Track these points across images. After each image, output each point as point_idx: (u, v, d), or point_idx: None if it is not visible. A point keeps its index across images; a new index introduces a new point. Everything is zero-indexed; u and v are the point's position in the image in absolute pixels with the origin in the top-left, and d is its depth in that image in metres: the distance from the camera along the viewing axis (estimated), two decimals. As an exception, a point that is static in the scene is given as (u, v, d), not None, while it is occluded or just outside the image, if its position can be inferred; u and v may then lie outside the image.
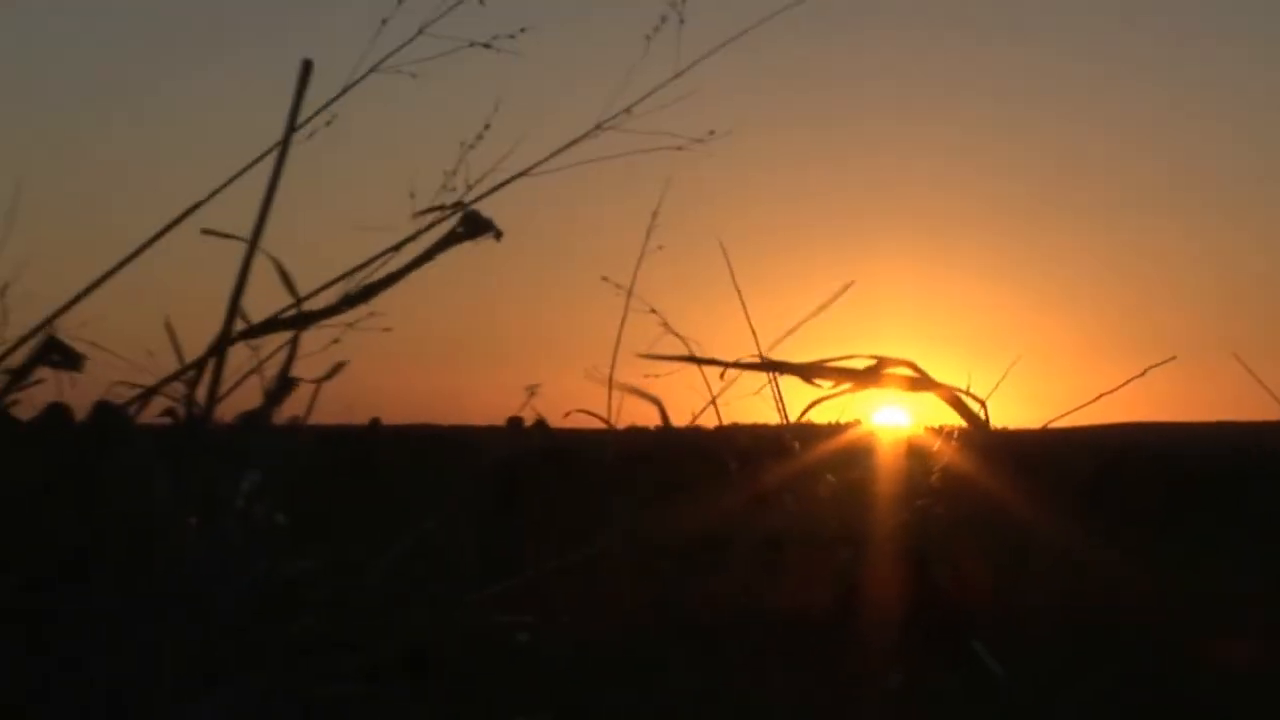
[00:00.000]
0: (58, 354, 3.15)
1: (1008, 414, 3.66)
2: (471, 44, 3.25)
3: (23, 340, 3.26)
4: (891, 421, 3.52)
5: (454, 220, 3.13)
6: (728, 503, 3.36)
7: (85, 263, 3.31)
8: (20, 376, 3.15)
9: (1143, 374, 3.73)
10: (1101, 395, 3.77)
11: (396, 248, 3.13)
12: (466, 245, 3.11)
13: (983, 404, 3.51)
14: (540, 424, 3.68)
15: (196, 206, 3.16)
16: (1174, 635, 3.86)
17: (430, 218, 3.16)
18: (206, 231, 3.13)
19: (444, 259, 3.13)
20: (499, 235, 3.16)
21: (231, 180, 3.14)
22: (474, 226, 3.15)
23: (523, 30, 3.26)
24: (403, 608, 3.20)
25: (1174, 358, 3.81)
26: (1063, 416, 3.79)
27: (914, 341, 4.00)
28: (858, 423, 3.61)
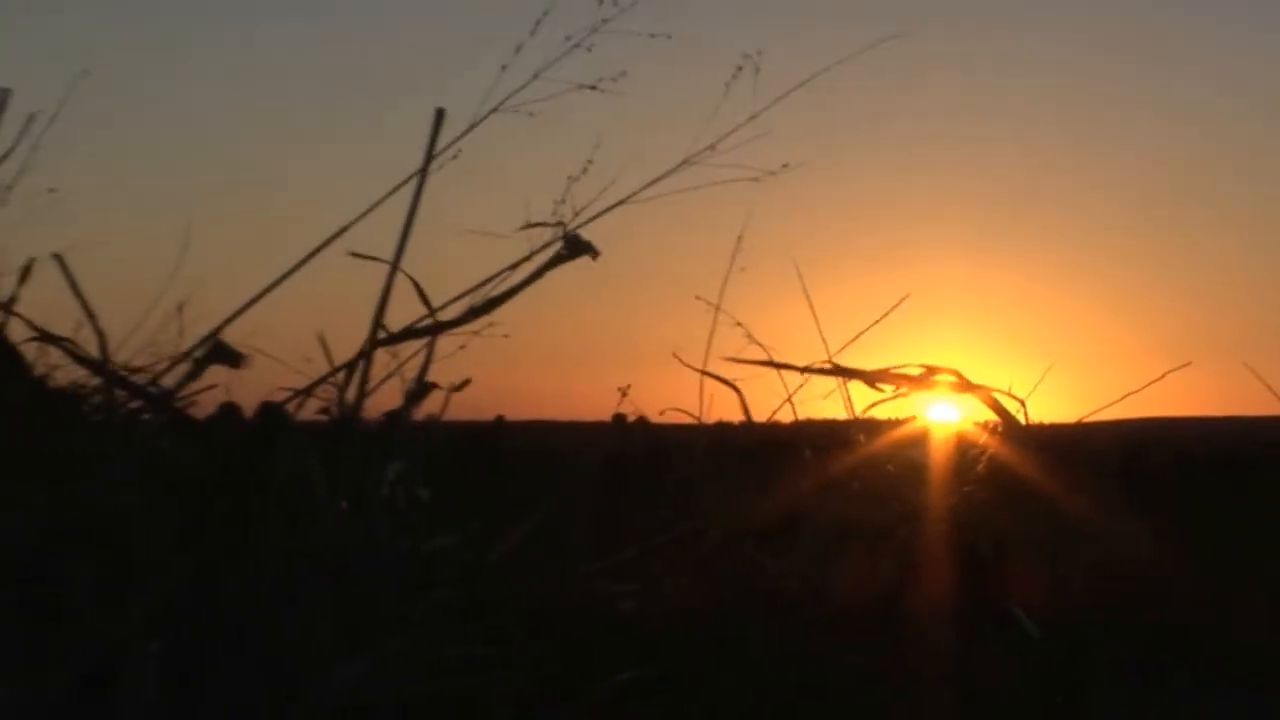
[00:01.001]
0: (223, 354, 3.18)
1: (1046, 409, 3.67)
2: (579, 86, 3.26)
3: (195, 347, 3.30)
4: (942, 417, 3.54)
5: (559, 246, 3.16)
6: (802, 487, 3.38)
7: (249, 279, 3.34)
8: (193, 375, 3.19)
9: (1162, 377, 3.74)
10: (1128, 395, 3.78)
11: (513, 267, 3.16)
12: (577, 263, 3.14)
13: (1022, 403, 3.52)
14: (640, 420, 3.71)
15: (343, 230, 3.19)
16: (1195, 600, 3.86)
17: (542, 240, 3.19)
18: (353, 254, 3.17)
19: (556, 275, 3.16)
20: (596, 255, 3.18)
21: (373, 207, 3.17)
22: (576, 248, 3.17)
23: (623, 74, 3.28)
24: (524, 580, 3.22)
25: (1189, 363, 3.81)
26: (1094, 413, 3.81)
27: (965, 344, 4.02)
28: (913, 419, 3.62)
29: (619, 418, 3.70)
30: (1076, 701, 3.13)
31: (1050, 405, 3.74)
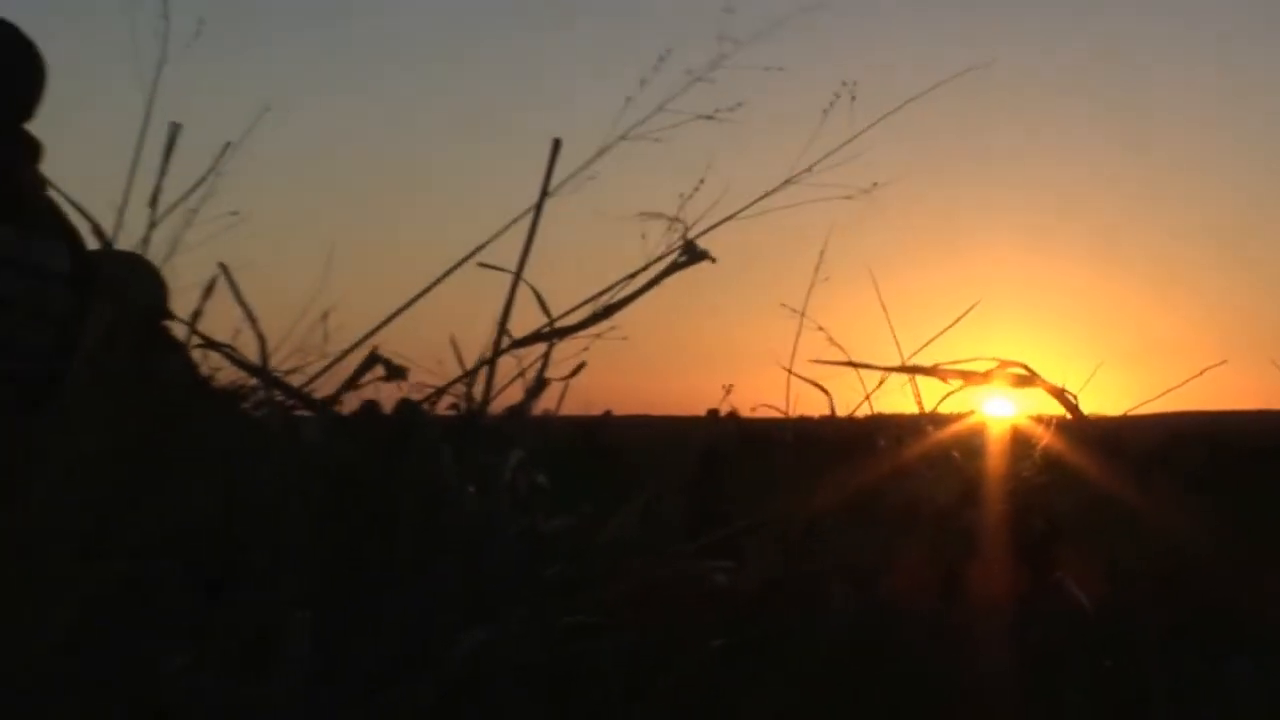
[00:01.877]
0: (384, 367, 3.22)
1: (1096, 403, 3.66)
2: (698, 116, 3.28)
3: (343, 355, 3.33)
4: (1001, 411, 3.54)
5: (677, 253, 3.18)
6: (877, 473, 3.38)
7: (389, 291, 3.37)
8: (350, 384, 3.22)
9: (1200, 374, 3.72)
10: (1168, 390, 3.76)
11: (632, 276, 3.18)
12: (684, 275, 3.16)
13: (1075, 397, 3.51)
14: (733, 414, 3.73)
15: (479, 249, 3.22)
16: (1232, 575, 3.85)
17: (658, 252, 3.21)
18: (483, 265, 3.19)
19: (663, 286, 3.18)
20: (713, 260, 3.20)
21: (504, 229, 3.19)
22: (692, 255, 3.19)
23: (739, 105, 3.30)
24: (630, 557, 3.23)
25: (1225, 361, 3.79)
26: (1138, 406, 3.80)
27: (1026, 344, 4.01)
28: (975, 413, 3.61)
29: (713, 412, 3.72)
30: (1123, 663, 3.11)
31: (1100, 399, 3.73)
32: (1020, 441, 3.57)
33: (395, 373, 3.28)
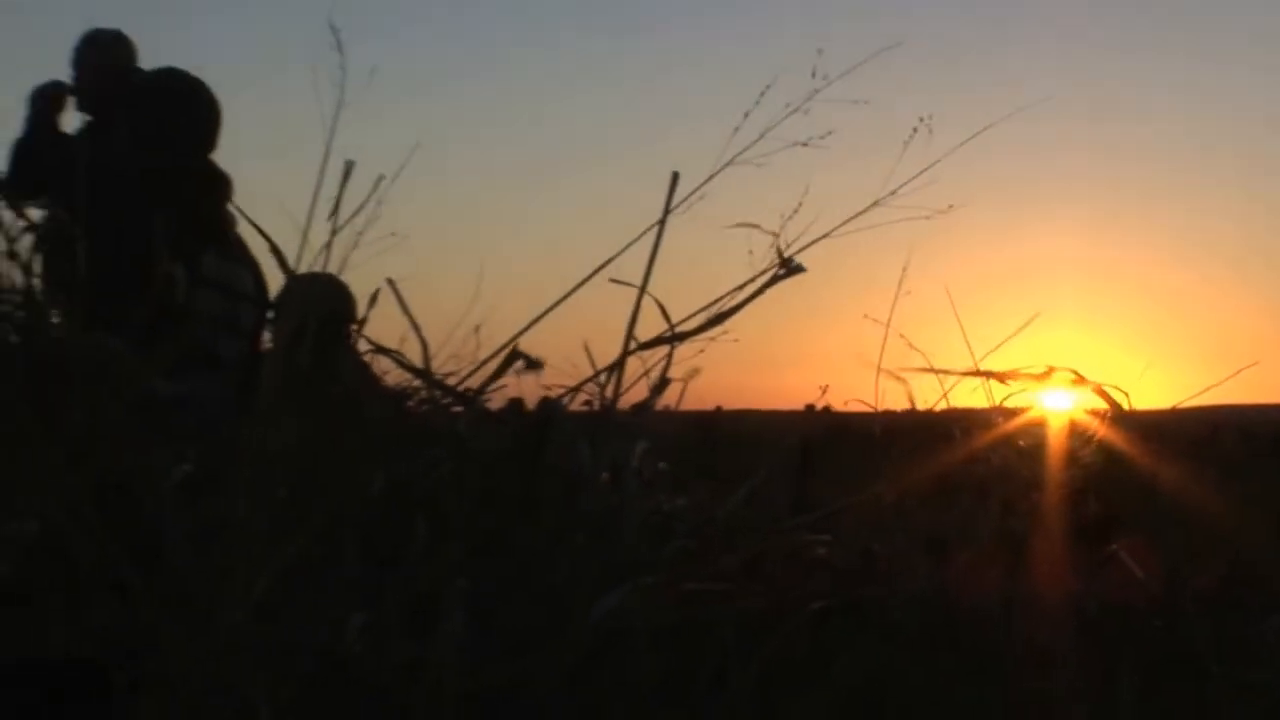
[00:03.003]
0: (523, 361, 3.24)
1: (1145, 398, 3.63)
2: (795, 144, 3.28)
3: (490, 358, 3.35)
4: (1061, 406, 3.52)
5: (777, 267, 3.18)
6: (953, 459, 3.37)
7: (530, 303, 3.40)
8: (497, 375, 3.24)
9: (1237, 373, 3.67)
10: (1208, 388, 3.72)
11: (740, 287, 3.19)
12: (785, 286, 3.17)
13: (1125, 395, 3.48)
14: (827, 409, 3.72)
15: (607, 263, 3.23)
16: (1263, 546, 3.81)
17: (762, 266, 3.22)
18: (614, 280, 3.21)
19: (767, 296, 3.19)
20: (804, 270, 3.20)
21: (628, 246, 3.20)
22: (790, 269, 3.19)
23: (830, 133, 3.30)
24: (741, 532, 3.22)
25: (1258, 362, 3.74)
26: (1183, 401, 3.76)
27: (1085, 345, 4.00)
28: (1037, 407, 3.59)
29: (810, 407, 3.71)
30: (1172, 622, 3.08)
31: (1149, 393, 3.70)
32: (1077, 432, 3.55)
33: (533, 364, 3.30)
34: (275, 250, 3.32)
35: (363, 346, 3.44)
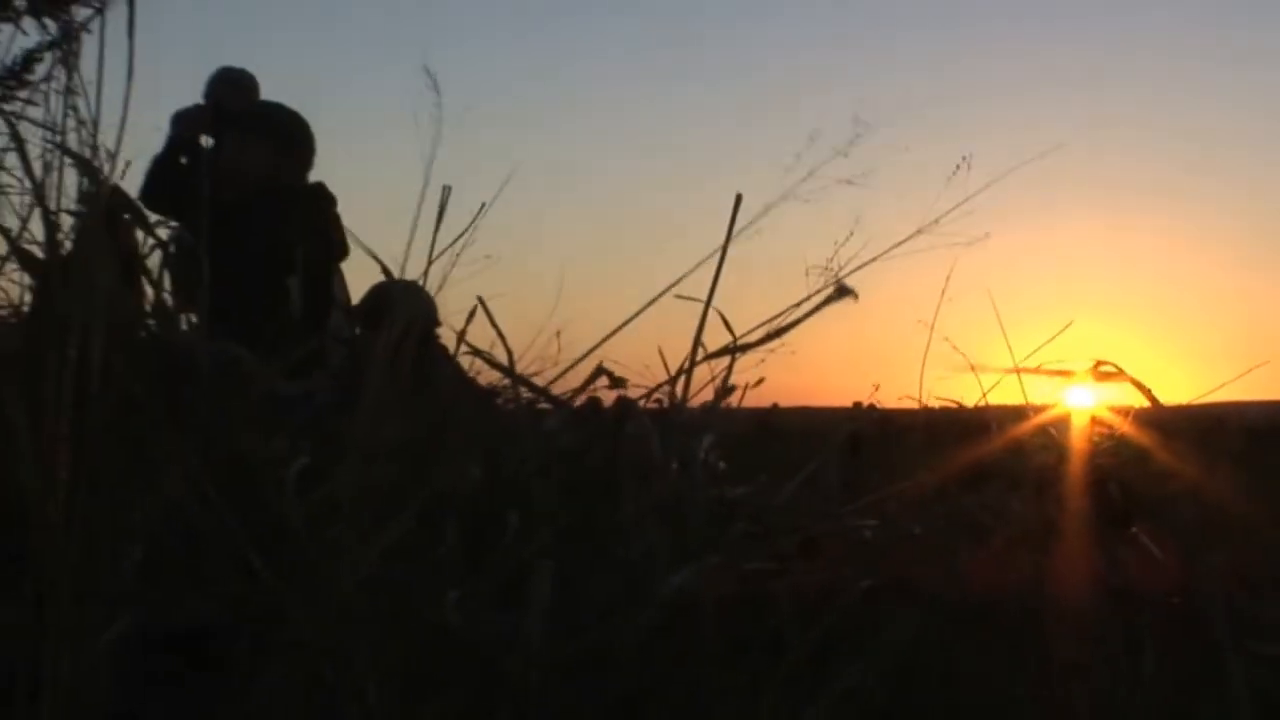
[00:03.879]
0: (608, 378, 3.25)
1: (1168, 393, 3.60)
2: (840, 181, 3.27)
3: (573, 364, 3.36)
4: (1085, 401, 3.49)
5: (831, 289, 3.17)
6: (990, 450, 3.35)
7: (608, 315, 3.40)
8: (583, 389, 3.23)
9: (1248, 371, 3.63)
10: (1223, 384, 3.68)
11: (797, 305, 3.17)
12: (840, 303, 3.15)
13: (1150, 391, 3.47)
14: (874, 406, 3.71)
15: (678, 282, 3.22)
16: (1268, 527, 3.77)
17: (816, 287, 3.20)
18: (680, 296, 3.20)
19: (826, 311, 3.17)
20: (856, 297, 3.18)
21: (696, 267, 3.19)
22: (841, 292, 3.17)
23: (872, 171, 3.29)
24: (796, 516, 3.21)
25: (1268, 362, 3.69)
26: (1199, 397, 3.73)
27: (1112, 347, 3.97)
28: (1064, 403, 3.56)
29: (858, 404, 3.70)
30: (1188, 599, 3.04)
31: (1170, 390, 3.68)
32: (1101, 426, 3.52)
33: (616, 383, 3.31)
34: (386, 272, 3.34)
35: (460, 351, 3.45)
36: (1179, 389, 3.87)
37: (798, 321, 3.18)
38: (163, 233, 3.44)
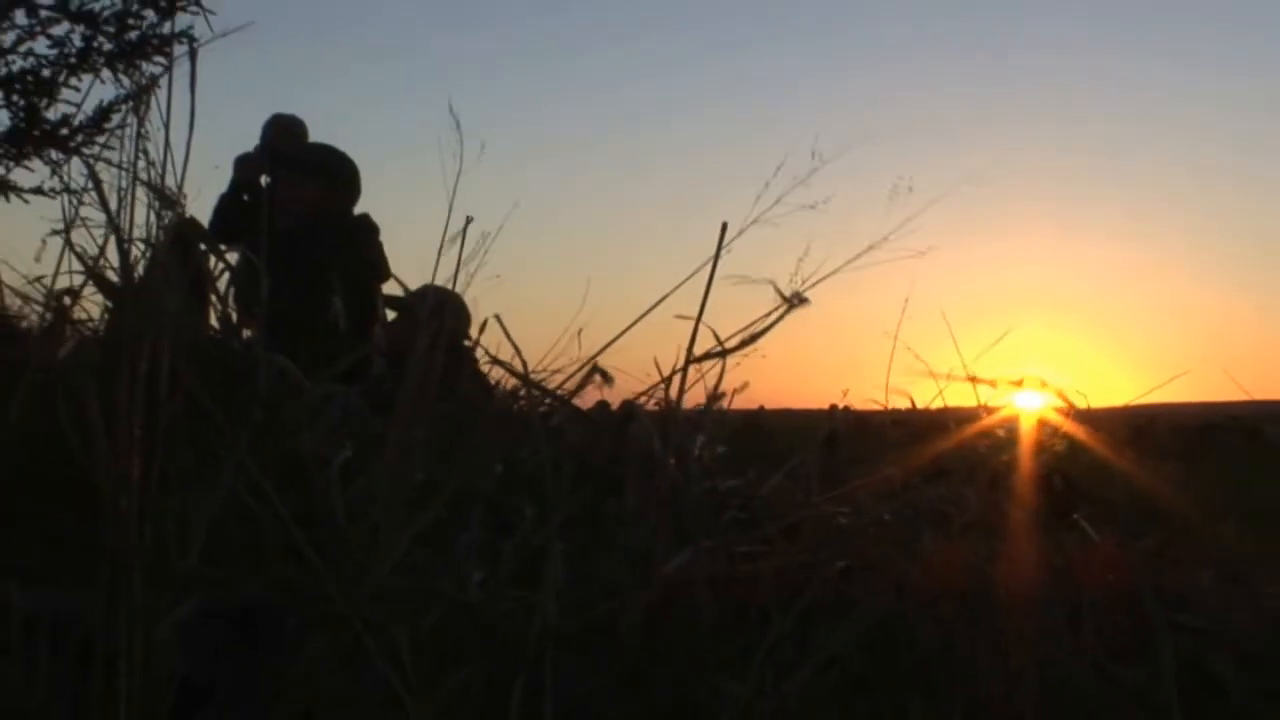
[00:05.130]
0: (601, 375, 3.22)
1: (1104, 398, 3.59)
2: (803, 206, 3.25)
3: (578, 369, 3.34)
4: (1032, 404, 3.48)
5: (791, 299, 3.15)
6: (948, 446, 3.34)
7: (614, 323, 3.38)
8: (582, 386, 3.21)
9: (1171, 380, 3.61)
10: (1152, 389, 3.67)
11: (766, 315, 3.16)
12: (805, 311, 3.13)
13: (1084, 396, 3.46)
14: (847, 407, 3.69)
15: (665, 297, 3.20)
16: (1194, 513, 3.75)
17: (782, 298, 3.17)
18: (678, 316, 3.18)
19: (795, 319, 3.15)
20: (808, 302, 3.16)
21: (683, 282, 3.17)
22: (797, 301, 3.15)
23: (830, 198, 3.28)
24: (780, 505, 3.19)
25: (1188, 372, 3.68)
26: (1137, 398, 3.72)
27: (1057, 353, 3.97)
28: (1013, 405, 3.54)
29: (833, 406, 3.68)
30: (1123, 578, 3.02)
31: (1107, 394, 3.67)
32: (1045, 424, 3.52)
33: (607, 378, 3.29)
34: (406, 291, 3.34)
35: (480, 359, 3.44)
36: (1116, 391, 3.87)
37: (765, 330, 3.16)
38: (230, 258, 3.45)
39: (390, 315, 5.07)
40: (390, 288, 5.25)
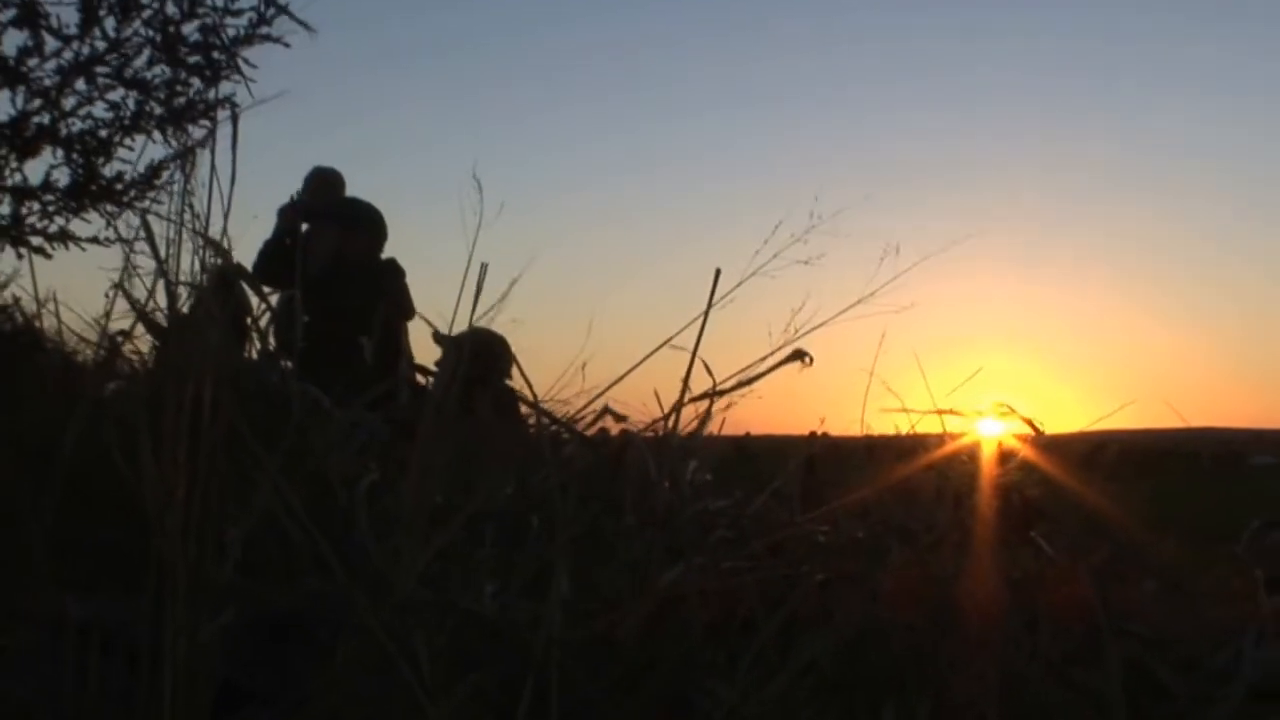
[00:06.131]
0: (612, 416, 3.22)
1: (1060, 424, 3.59)
2: (798, 262, 3.26)
3: (588, 404, 3.35)
4: (993, 431, 3.47)
5: (789, 351, 3.14)
6: (918, 470, 3.33)
7: (618, 360, 3.38)
8: (594, 424, 3.21)
9: (1120, 408, 3.61)
10: (1101, 418, 3.65)
11: (761, 360, 3.15)
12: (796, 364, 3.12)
13: (1042, 424, 3.45)
14: (826, 434, 3.67)
15: (667, 341, 3.18)
16: (1137, 529, 3.74)
17: (777, 346, 3.17)
18: (674, 347, 3.17)
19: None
20: (810, 360, 3.15)
21: (680, 331, 3.15)
22: (797, 356, 3.14)
23: (823, 255, 3.28)
24: (766, 524, 3.18)
25: (1134, 401, 3.67)
26: (1089, 425, 3.72)
27: (1016, 384, 3.97)
28: (977, 431, 3.53)
29: (813, 433, 3.67)
30: (1073, 588, 3.00)
31: (1062, 422, 3.67)
32: (1006, 450, 3.51)
33: (619, 418, 3.28)
34: (437, 336, 3.34)
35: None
36: (1070, 419, 3.86)
37: (762, 374, 3.15)
38: (271, 298, 3.45)
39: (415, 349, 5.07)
40: (416, 325, 5.26)
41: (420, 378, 3.88)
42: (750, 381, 3.12)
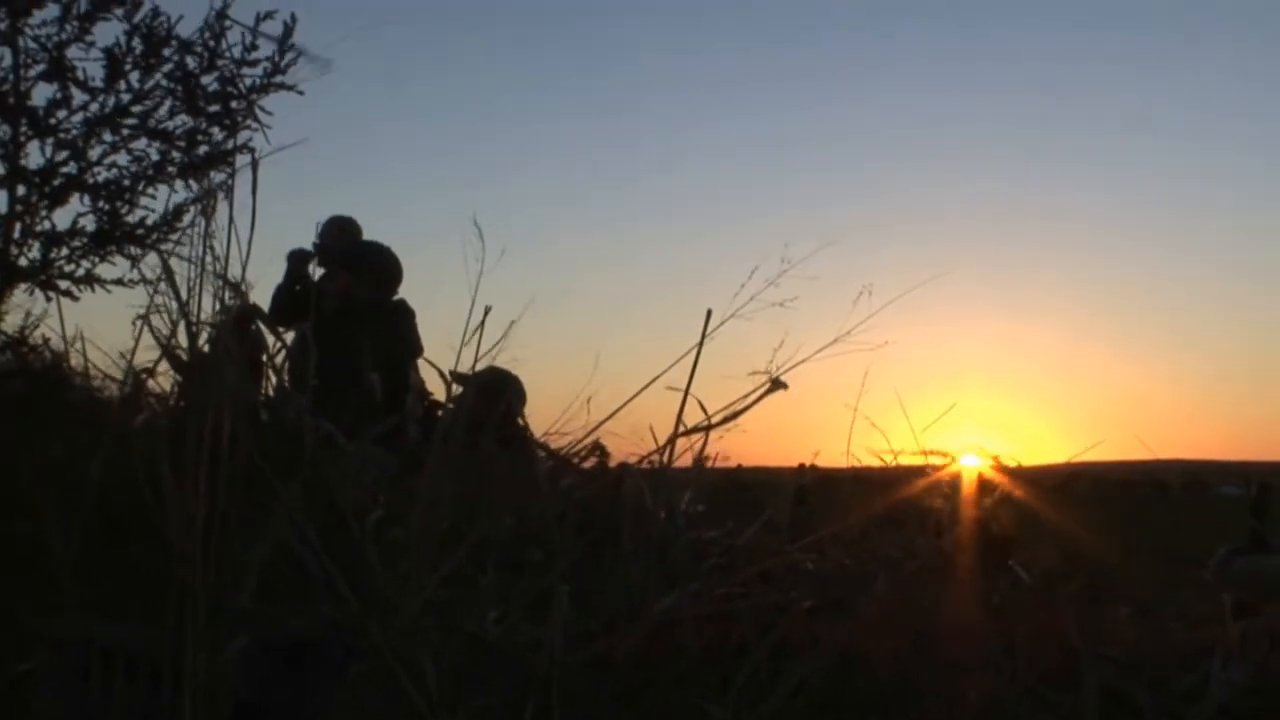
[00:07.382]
0: (600, 450, 3.24)
1: (1035, 457, 3.60)
2: (774, 304, 3.27)
3: (585, 435, 3.35)
4: (972, 464, 3.48)
5: (769, 382, 3.14)
6: (902, 500, 3.33)
7: (616, 395, 3.38)
8: (587, 458, 3.23)
9: (1093, 446, 3.61)
10: (1077, 455, 3.66)
11: (746, 396, 3.15)
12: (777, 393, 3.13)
13: (1017, 461, 3.47)
14: (814, 466, 3.68)
15: (659, 375, 3.18)
16: (1112, 558, 3.75)
17: (759, 380, 3.17)
18: (669, 387, 3.18)
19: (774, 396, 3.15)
20: (786, 387, 3.15)
21: (673, 365, 3.15)
22: (775, 385, 3.14)
23: (796, 298, 3.29)
24: (757, 552, 3.18)
25: (1103, 440, 3.68)
26: (1064, 459, 3.73)
27: (994, 419, 3.98)
28: (957, 464, 3.53)
29: (802, 465, 3.68)
30: (1050, 613, 3.01)
31: (1038, 455, 3.68)
32: (984, 482, 3.52)
33: (604, 454, 3.31)
34: (442, 375, 3.36)
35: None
36: (1046, 452, 3.87)
37: (746, 409, 3.15)
38: (285, 338, 3.46)
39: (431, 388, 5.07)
40: (423, 365, 5.26)
41: (433, 410, 3.89)
42: (737, 415, 3.13)
